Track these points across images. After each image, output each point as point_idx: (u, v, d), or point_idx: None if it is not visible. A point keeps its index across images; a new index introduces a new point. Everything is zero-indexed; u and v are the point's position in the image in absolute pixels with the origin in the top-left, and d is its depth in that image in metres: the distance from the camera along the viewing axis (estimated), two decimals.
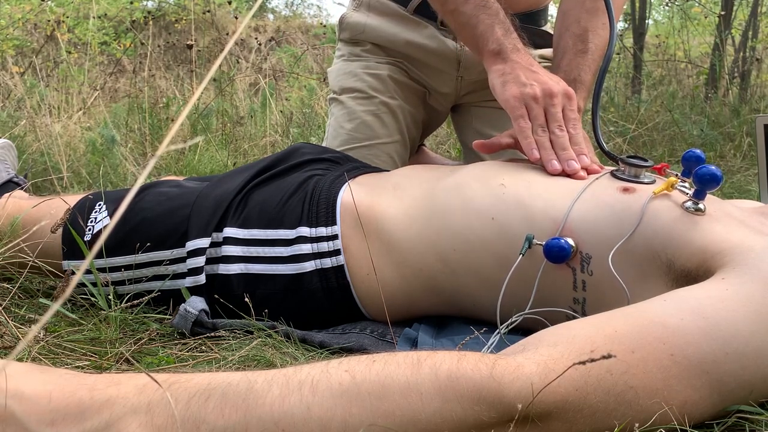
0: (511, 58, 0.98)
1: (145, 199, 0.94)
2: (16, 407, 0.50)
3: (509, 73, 0.97)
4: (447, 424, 0.51)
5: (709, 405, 0.58)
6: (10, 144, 1.46)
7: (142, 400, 0.51)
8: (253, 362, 0.77)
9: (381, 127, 1.31)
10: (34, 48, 4.72)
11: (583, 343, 0.57)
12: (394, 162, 1.31)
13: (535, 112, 0.93)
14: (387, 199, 0.90)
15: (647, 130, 2.67)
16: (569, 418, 0.54)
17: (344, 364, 0.54)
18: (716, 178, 0.72)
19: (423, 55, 1.33)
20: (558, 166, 0.88)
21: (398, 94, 1.34)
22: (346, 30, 1.39)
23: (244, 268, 0.87)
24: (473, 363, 0.53)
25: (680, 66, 4.04)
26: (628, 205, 0.76)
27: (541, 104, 0.93)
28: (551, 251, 0.77)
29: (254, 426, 0.50)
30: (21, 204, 1.04)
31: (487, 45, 1.01)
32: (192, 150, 2.17)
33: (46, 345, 0.78)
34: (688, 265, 0.70)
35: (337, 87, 1.38)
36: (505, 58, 0.99)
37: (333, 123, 1.36)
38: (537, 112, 0.93)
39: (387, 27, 1.34)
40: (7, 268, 0.97)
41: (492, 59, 1.00)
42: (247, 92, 3.32)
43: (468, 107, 1.43)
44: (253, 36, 5.96)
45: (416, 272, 0.86)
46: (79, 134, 2.39)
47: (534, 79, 0.95)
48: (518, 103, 0.93)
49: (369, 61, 1.36)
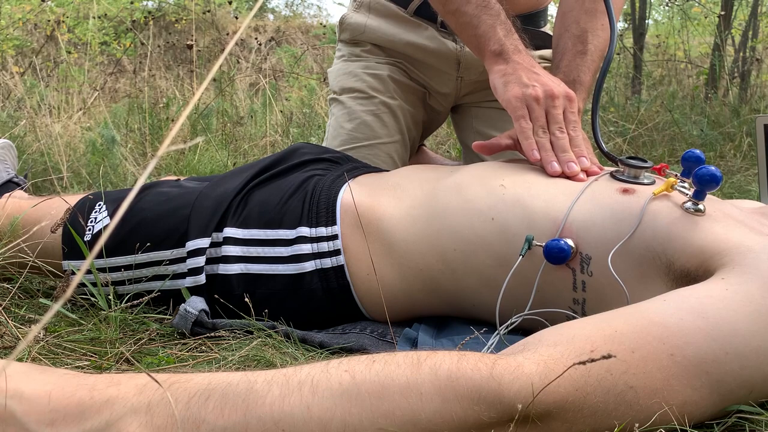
0: (512, 59, 0.98)
1: (145, 199, 0.94)
2: (16, 407, 0.50)
3: (511, 74, 0.97)
4: (447, 424, 0.51)
5: (709, 405, 0.58)
6: (10, 144, 1.46)
7: (142, 400, 0.51)
8: (253, 362, 0.77)
9: (381, 127, 1.32)
10: (34, 48, 4.72)
11: (583, 343, 0.57)
12: (394, 162, 1.32)
13: (536, 113, 0.93)
14: (387, 199, 0.90)
15: (647, 130, 2.67)
16: (569, 418, 0.54)
17: (344, 364, 0.54)
18: (716, 178, 0.72)
19: (423, 56, 1.33)
20: (558, 167, 0.88)
21: (398, 94, 1.34)
22: (347, 31, 1.40)
23: (244, 268, 0.87)
24: (473, 363, 0.53)
25: (680, 66, 4.04)
26: (627, 206, 0.77)
27: (542, 105, 0.93)
28: (551, 252, 0.77)
29: (254, 426, 0.50)
30: (21, 204, 1.04)
31: (489, 45, 1.01)
32: (192, 150, 2.17)
33: (46, 345, 0.78)
34: (688, 266, 0.70)
35: (337, 87, 1.38)
36: (507, 58, 0.99)
37: (333, 123, 1.36)
38: (538, 113, 0.93)
39: (387, 28, 1.34)
40: (7, 268, 0.97)
41: (493, 60, 1.00)
42: (247, 92, 3.32)
43: (468, 108, 1.43)
44: (253, 36, 5.96)
45: (416, 272, 0.86)
46: (79, 134, 2.39)
47: (536, 80, 0.95)
48: (520, 103, 0.94)
49: (369, 61, 1.36)
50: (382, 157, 1.30)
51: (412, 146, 1.40)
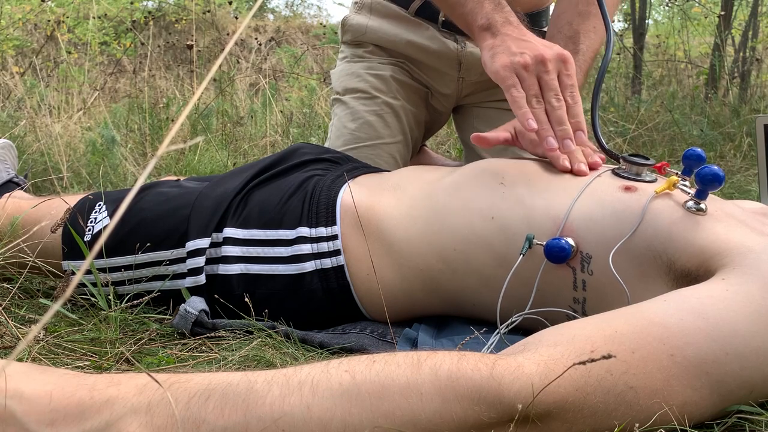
0: (501, 32, 0.94)
1: (145, 199, 0.94)
2: (16, 407, 0.50)
3: (499, 45, 0.93)
4: (447, 424, 0.51)
5: (709, 405, 0.58)
6: (10, 144, 1.46)
7: (142, 400, 0.51)
8: (253, 362, 0.77)
9: (384, 127, 1.32)
10: (34, 48, 4.72)
11: (583, 343, 0.57)
12: (396, 162, 1.32)
13: (527, 82, 0.89)
14: (387, 200, 0.90)
15: (647, 130, 2.67)
16: (569, 418, 0.54)
17: (344, 364, 0.54)
18: (719, 178, 0.72)
19: (424, 56, 1.34)
20: (554, 143, 0.86)
21: (400, 94, 1.34)
22: (349, 32, 1.40)
23: (244, 268, 0.87)
24: (473, 363, 0.53)
25: (680, 66, 4.04)
26: (629, 205, 0.76)
27: (533, 72, 0.89)
28: (552, 252, 0.77)
29: (254, 426, 0.50)
30: (21, 204, 1.04)
31: (476, 21, 0.97)
32: (192, 150, 2.17)
33: (46, 345, 0.78)
34: (689, 266, 0.70)
35: (340, 88, 1.38)
36: (495, 32, 0.95)
37: (336, 123, 1.36)
38: (530, 81, 0.89)
39: (388, 28, 1.34)
40: (7, 268, 0.97)
41: (482, 35, 0.97)
42: (247, 92, 3.32)
43: (470, 108, 1.43)
44: (253, 36, 5.96)
45: (416, 272, 0.86)
46: (79, 134, 2.39)
47: (525, 47, 0.91)
48: (508, 72, 0.89)
49: (371, 61, 1.36)
50: (385, 157, 1.30)
51: (414, 146, 1.40)
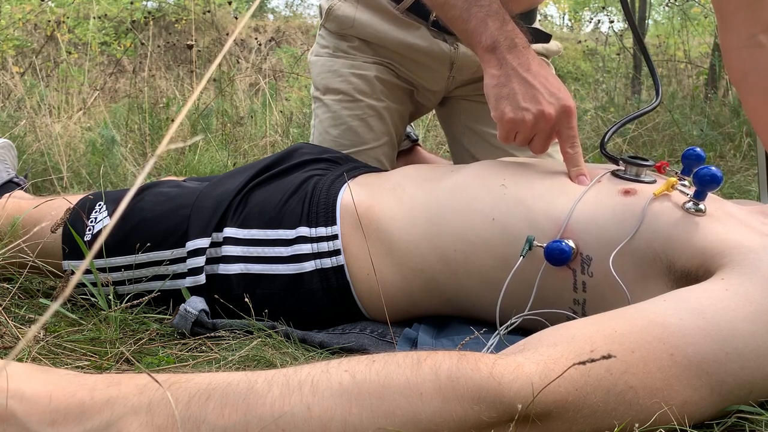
0: (506, 60, 0.93)
1: (145, 199, 0.94)
2: (16, 407, 0.50)
3: (504, 86, 0.92)
4: (447, 424, 0.51)
5: (709, 405, 0.58)
6: (10, 144, 1.46)
7: (143, 400, 0.51)
8: (253, 362, 0.77)
9: (368, 131, 1.29)
10: (34, 48, 4.72)
11: (583, 343, 0.57)
12: (382, 164, 1.29)
13: (522, 136, 0.92)
14: (387, 200, 0.90)
15: (647, 130, 2.67)
16: (569, 417, 0.54)
17: (344, 364, 0.54)
18: (716, 179, 0.72)
19: (414, 55, 1.29)
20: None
21: (385, 94, 1.30)
22: (334, 21, 1.33)
23: (244, 268, 0.87)
24: (473, 363, 0.53)
25: (680, 66, 4.04)
26: (628, 207, 0.76)
27: (531, 127, 0.91)
28: (552, 254, 0.77)
29: (254, 426, 0.50)
30: (21, 204, 1.04)
31: (480, 40, 0.96)
32: (192, 150, 2.17)
33: (46, 345, 0.78)
34: (689, 266, 0.70)
35: (321, 85, 1.34)
36: (501, 58, 0.94)
37: (318, 126, 1.33)
38: (525, 135, 0.92)
39: (377, 24, 1.29)
40: (7, 268, 0.97)
41: (486, 58, 0.95)
42: (247, 92, 3.32)
43: (457, 100, 1.40)
44: (253, 36, 5.96)
45: (417, 272, 0.86)
46: (79, 134, 2.39)
47: (531, 100, 0.91)
48: (510, 126, 0.92)
49: (356, 59, 1.31)
50: (370, 161, 1.27)
51: (398, 141, 1.38)
